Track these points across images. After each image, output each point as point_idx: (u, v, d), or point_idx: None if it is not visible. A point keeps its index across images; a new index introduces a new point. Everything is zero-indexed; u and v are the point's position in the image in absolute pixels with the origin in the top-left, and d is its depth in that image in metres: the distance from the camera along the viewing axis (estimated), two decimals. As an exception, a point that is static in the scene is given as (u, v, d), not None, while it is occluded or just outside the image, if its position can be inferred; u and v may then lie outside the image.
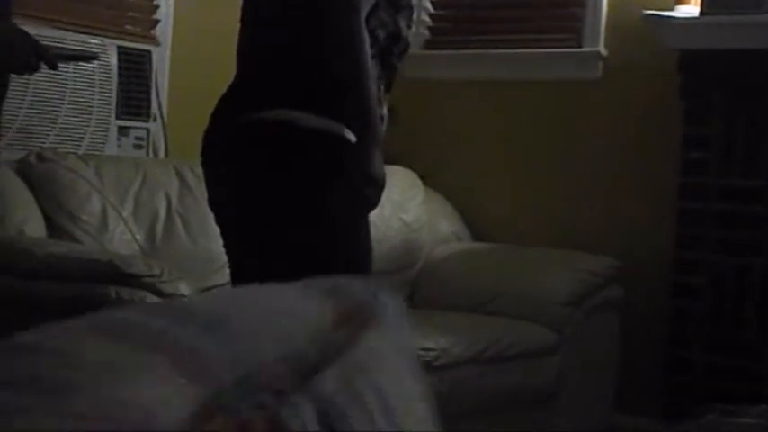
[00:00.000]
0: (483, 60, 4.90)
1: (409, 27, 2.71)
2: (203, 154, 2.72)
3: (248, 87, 2.65)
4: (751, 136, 4.16)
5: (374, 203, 2.59)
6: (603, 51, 4.61)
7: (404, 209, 4.57)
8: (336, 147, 2.57)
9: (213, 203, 2.74)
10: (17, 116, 3.77)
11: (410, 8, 2.72)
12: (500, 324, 4.04)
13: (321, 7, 2.50)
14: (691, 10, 4.23)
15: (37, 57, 2.52)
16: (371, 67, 2.51)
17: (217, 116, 2.69)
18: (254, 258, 2.68)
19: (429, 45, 4.96)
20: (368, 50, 2.50)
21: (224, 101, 2.69)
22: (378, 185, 2.55)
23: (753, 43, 4.09)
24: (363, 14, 2.51)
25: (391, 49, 2.63)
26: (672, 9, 4.27)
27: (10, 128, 3.77)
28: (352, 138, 2.57)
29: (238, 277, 2.75)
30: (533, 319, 4.10)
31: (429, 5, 4.98)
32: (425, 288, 4.51)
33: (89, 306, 3.09)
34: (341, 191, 2.59)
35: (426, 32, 4.97)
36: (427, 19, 4.97)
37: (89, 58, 3.25)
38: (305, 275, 2.84)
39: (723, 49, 4.16)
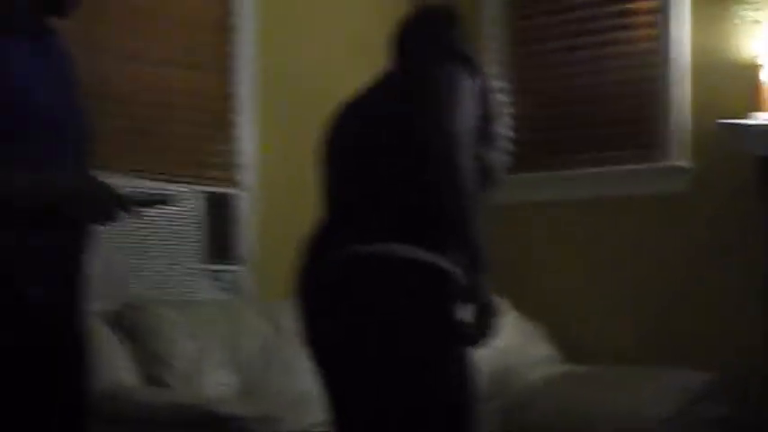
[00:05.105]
0: (566, 180, 4.91)
1: (499, 162, 2.73)
2: (302, 290, 2.69)
3: (348, 222, 2.64)
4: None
5: (493, 334, 2.58)
6: (686, 164, 4.59)
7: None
8: (442, 279, 2.57)
9: (311, 340, 2.71)
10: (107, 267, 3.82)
11: (500, 141, 2.74)
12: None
13: (433, 144, 2.51)
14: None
15: (118, 206, 2.53)
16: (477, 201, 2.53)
17: (314, 253, 2.67)
18: (366, 395, 2.64)
19: (511, 168, 4.96)
20: (474, 185, 2.52)
21: (321, 238, 2.68)
22: (497, 314, 2.56)
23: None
24: (470, 150, 2.54)
25: (482, 182, 2.64)
26: (747, 117, 4.24)
27: (100, 280, 3.81)
28: (456, 271, 2.56)
29: (347, 417, 2.70)
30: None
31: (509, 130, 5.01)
32: (519, 414, 4.44)
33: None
34: (453, 322, 2.57)
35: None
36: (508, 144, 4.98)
37: (165, 202, 3.23)
38: (422, 412, 2.73)
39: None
